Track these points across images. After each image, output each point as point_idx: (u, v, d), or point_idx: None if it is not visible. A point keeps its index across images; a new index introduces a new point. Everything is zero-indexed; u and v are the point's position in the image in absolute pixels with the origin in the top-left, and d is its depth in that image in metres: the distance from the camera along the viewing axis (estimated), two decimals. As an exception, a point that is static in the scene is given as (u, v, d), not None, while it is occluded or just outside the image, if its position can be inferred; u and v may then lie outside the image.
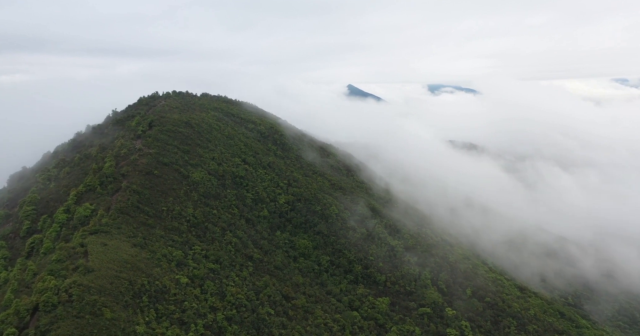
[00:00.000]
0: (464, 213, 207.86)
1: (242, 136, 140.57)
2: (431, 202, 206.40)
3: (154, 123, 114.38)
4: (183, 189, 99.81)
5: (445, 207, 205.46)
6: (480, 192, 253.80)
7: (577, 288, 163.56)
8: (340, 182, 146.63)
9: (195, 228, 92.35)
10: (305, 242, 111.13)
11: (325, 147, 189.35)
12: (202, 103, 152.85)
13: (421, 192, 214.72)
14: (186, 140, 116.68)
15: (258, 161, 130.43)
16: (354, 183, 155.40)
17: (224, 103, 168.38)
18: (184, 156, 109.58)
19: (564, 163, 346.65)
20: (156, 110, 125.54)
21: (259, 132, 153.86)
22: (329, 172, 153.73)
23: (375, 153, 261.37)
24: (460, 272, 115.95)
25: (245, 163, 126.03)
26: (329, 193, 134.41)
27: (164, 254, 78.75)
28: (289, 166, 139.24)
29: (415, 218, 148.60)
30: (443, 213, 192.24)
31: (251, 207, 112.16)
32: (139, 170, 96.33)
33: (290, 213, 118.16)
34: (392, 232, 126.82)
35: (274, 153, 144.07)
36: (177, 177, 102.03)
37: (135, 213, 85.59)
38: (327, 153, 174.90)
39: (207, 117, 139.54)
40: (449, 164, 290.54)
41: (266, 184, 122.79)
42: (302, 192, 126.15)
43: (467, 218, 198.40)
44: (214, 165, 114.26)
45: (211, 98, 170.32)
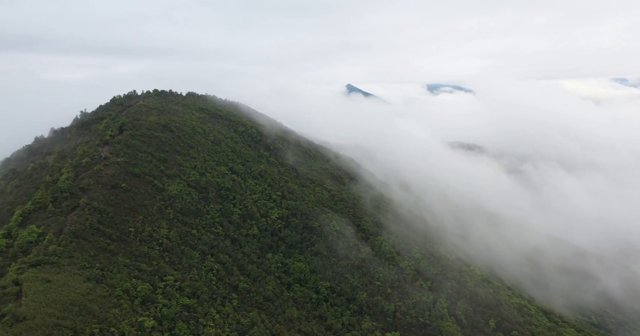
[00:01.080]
0: (472, 222, 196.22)
1: (231, 141, 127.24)
2: (436, 210, 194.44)
3: (126, 127, 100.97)
4: (156, 205, 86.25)
5: (452, 216, 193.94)
6: (486, 197, 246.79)
7: (600, 305, 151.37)
8: (341, 192, 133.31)
9: (169, 253, 78.80)
10: (301, 265, 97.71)
11: (324, 152, 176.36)
12: (187, 103, 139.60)
13: (425, 199, 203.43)
14: (163, 146, 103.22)
15: (248, 170, 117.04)
16: (356, 192, 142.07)
17: (212, 103, 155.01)
18: (160, 165, 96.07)
19: (566, 164, 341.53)
20: (130, 112, 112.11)
21: (250, 136, 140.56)
22: (328, 180, 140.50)
23: (375, 155, 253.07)
24: (480, 299, 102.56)
25: (233, 173, 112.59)
26: (328, 205, 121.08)
27: (126, 289, 65.14)
28: (283, 175, 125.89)
29: (424, 233, 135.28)
30: (451, 224, 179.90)
31: (238, 225, 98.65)
32: (103, 183, 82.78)
33: (284, 231, 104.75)
34: (400, 250, 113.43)
35: (266, 160, 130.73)
36: (150, 191, 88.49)
37: (94, 236, 71.99)
38: (326, 159, 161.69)
39: (191, 119, 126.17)
40: (451, 167, 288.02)
41: (257, 197, 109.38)
42: (298, 206, 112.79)
43: (476, 229, 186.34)
44: (195, 175, 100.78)
45: (197, 98, 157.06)
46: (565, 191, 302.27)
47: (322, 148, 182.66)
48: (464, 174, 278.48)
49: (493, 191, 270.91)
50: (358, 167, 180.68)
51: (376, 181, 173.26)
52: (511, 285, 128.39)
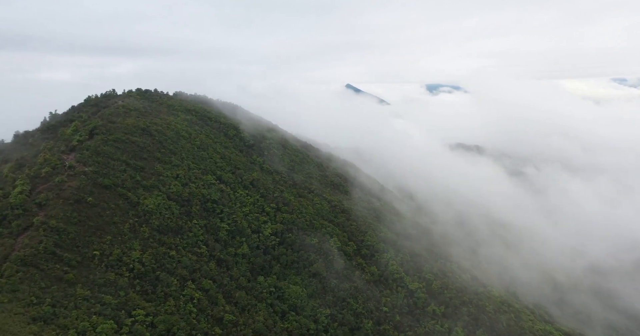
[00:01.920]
0: (480, 232, 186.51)
1: (220, 146, 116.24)
2: (442, 219, 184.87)
3: (98, 131, 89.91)
4: (129, 223, 75.17)
5: (458, 225, 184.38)
6: (491, 203, 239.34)
7: (624, 324, 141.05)
8: (342, 202, 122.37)
9: (141, 281, 67.74)
10: (297, 289, 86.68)
11: (323, 156, 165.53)
12: (172, 104, 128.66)
13: (429, 206, 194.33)
14: (141, 153, 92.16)
15: (238, 179, 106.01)
16: (359, 202, 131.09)
17: (202, 104, 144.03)
18: (135, 175, 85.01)
19: (569, 166, 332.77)
20: (105, 114, 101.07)
21: (242, 140, 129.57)
22: (328, 189, 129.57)
23: (374, 158, 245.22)
24: (502, 327, 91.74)
25: (221, 182, 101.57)
26: (328, 218, 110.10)
27: (83, 331, 54.08)
28: (278, 184, 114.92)
29: (433, 247, 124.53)
30: (459, 235, 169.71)
31: (226, 243, 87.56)
32: (65, 197, 71.72)
33: (278, 249, 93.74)
34: (409, 269, 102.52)
35: (259, 167, 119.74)
36: (122, 206, 77.41)
37: (48, 263, 60.92)
38: (325, 165, 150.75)
39: (176, 121, 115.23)
40: (453, 170, 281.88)
41: (247, 210, 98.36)
42: (295, 219, 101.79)
43: (486, 240, 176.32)
44: (177, 186, 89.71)
45: (185, 98, 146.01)
46: (572, 196, 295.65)
47: (321, 152, 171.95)
48: (467, 178, 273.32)
49: (498, 196, 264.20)
50: (358, 172, 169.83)
51: (378, 187, 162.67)
52: (531, 306, 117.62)
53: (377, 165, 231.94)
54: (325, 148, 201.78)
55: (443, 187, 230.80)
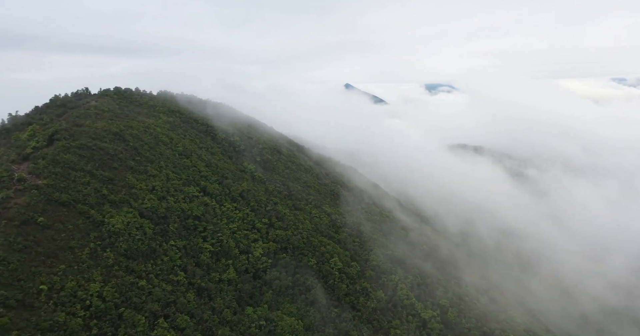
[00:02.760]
0: (490, 243, 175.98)
1: (205, 152, 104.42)
2: (450, 228, 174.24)
3: (59, 136, 78.00)
4: (89, 247, 63.23)
5: (468, 237, 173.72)
6: (497, 209, 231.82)
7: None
8: (343, 215, 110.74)
9: (99, 321, 55.77)
10: (292, 321, 74.78)
11: (322, 161, 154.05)
12: (154, 104, 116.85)
13: (434, 214, 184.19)
14: (110, 161, 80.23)
15: (225, 190, 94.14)
16: (362, 213, 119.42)
17: (188, 105, 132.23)
18: (102, 188, 73.08)
19: (571, 167, 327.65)
20: (72, 116, 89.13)
21: (232, 144, 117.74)
22: (328, 199, 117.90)
23: (373, 161, 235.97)
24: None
25: (205, 195, 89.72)
26: (328, 234, 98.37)
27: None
28: (271, 195, 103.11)
29: (445, 265, 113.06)
30: (467, 247, 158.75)
31: (209, 267, 75.65)
32: (9, 217, 59.77)
33: (270, 272, 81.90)
34: (420, 294, 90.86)
35: (250, 175, 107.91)
36: (82, 226, 65.48)
37: (-24, 305, 48.89)
38: (325, 172, 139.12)
39: (156, 124, 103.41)
40: (455, 174, 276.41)
41: (235, 226, 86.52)
42: (290, 236, 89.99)
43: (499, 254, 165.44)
44: (152, 200, 77.84)
45: (170, 98, 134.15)
46: (578, 199, 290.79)
47: (319, 156, 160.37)
48: (470, 181, 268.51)
49: (503, 200, 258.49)
50: (359, 178, 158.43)
51: (381, 195, 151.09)
52: (556, 332, 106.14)
53: (375, 167, 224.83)
54: (323, 151, 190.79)
55: (446, 191, 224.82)
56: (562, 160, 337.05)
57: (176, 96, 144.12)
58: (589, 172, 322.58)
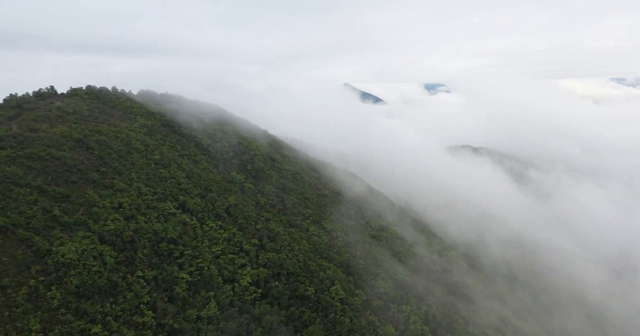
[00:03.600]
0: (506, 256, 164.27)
1: (187, 160, 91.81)
2: (459, 239, 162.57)
3: (4, 144, 65.49)
4: (28, 285, 50.66)
5: (478, 248, 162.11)
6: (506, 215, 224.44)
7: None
8: (346, 231, 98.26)
9: (32, 388, 43.09)
10: (286, 368, 62.23)
11: (321, 168, 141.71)
12: (131, 106, 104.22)
13: (440, 223, 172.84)
14: (67, 174, 67.68)
15: (209, 205, 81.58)
16: (366, 229, 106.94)
17: (173, 106, 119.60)
18: (52, 208, 60.50)
19: (573, 168, 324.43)
20: (27, 119, 76.45)
21: (220, 151, 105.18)
22: (328, 213, 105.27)
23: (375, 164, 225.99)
24: None
25: (185, 212, 77.20)
26: (329, 256, 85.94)
27: None
28: (263, 210, 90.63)
29: (462, 288, 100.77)
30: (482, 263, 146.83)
31: (184, 302, 63.07)
32: None
33: (260, 305, 69.35)
34: (437, 328, 78.43)
35: (240, 187, 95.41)
36: (22, 258, 52.93)
37: None
38: (324, 180, 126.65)
39: (130, 128, 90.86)
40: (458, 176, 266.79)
41: (219, 249, 74.00)
42: (284, 260, 77.53)
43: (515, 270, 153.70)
44: (117, 221, 65.27)
45: (151, 98, 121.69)
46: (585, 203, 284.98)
47: (317, 161, 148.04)
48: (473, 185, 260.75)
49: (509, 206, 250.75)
50: (361, 185, 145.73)
51: (385, 204, 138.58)
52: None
53: (375, 170, 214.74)
54: (322, 154, 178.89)
55: (449, 194, 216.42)
56: (564, 161, 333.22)
57: (160, 96, 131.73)
58: (591, 174, 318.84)
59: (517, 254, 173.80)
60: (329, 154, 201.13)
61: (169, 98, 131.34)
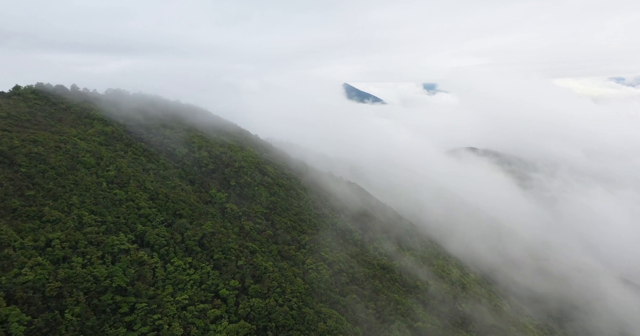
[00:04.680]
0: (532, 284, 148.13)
1: (153, 176, 74.27)
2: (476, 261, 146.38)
3: None
4: None
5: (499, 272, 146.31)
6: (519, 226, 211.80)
7: None
8: (351, 263, 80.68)
9: None
10: None
11: (318, 180, 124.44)
12: (89, 108, 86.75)
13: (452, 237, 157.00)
14: (-28, 201, 50.03)
15: (176, 237, 63.99)
16: (374, 258, 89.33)
17: (144, 107, 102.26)
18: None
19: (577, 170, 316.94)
20: None
21: (199, 163, 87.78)
22: (329, 238, 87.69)
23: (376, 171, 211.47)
24: None
25: (142, 247, 59.63)
26: (330, 299, 68.37)
27: None
28: (247, 237, 73.16)
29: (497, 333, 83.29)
30: (509, 291, 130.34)
31: (129, 384, 45.37)
32: None
33: (238, 378, 51.64)
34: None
35: (220, 208, 77.92)
36: None
37: None
38: (325, 195, 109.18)
39: (82, 136, 73.33)
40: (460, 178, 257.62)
41: (187, 297, 56.38)
42: (272, 308, 59.96)
43: (552, 304, 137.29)
44: (39, 268, 47.65)
45: (120, 99, 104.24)
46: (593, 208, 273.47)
47: (314, 172, 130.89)
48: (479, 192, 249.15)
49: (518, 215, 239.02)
50: (365, 198, 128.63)
51: (394, 222, 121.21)
52: None
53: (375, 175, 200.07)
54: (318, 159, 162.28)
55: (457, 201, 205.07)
56: (566, 163, 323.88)
57: (132, 97, 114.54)
58: (597, 177, 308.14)
59: (540, 274, 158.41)
60: (327, 160, 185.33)
61: (144, 99, 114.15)
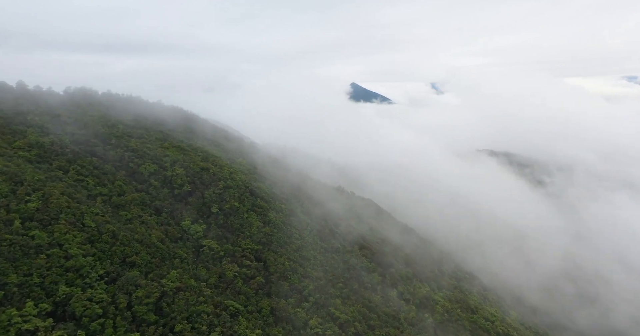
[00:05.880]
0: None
1: (97, 206, 54.46)
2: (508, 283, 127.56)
3: None
4: None
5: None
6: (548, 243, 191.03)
7: None
8: (366, 322, 60.33)
9: None
10: None
11: (325, 196, 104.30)
12: (25, 111, 67.47)
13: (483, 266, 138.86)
14: None
15: (118, 300, 44.03)
16: (394, 309, 68.88)
17: (110, 111, 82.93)
18: None
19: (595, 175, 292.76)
20: None
21: (169, 182, 68.05)
22: (347, 289, 67.31)
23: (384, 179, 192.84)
24: None
25: (64, 320, 39.72)
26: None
27: None
28: (229, 290, 53.14)
29: None
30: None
31: None
32: None
33: None
34: None
35: (194, 248, 58.07)
36: None
37: None
38: (334, 222, 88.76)
39: (0, 151, 53.75)
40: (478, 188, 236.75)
41: None
42: None
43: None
44: None
45: (81, 99, 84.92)
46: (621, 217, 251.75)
47: (320, 185, 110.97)
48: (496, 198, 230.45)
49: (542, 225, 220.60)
50: (386, 222, 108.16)
51: (428, 260, 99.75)
52: None
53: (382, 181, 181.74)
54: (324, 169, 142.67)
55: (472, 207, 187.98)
56: (583, 166, 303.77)
57: (101, 97, 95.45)
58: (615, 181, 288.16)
59: (582, 303, 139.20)
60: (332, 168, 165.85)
61: (115, 100, 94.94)
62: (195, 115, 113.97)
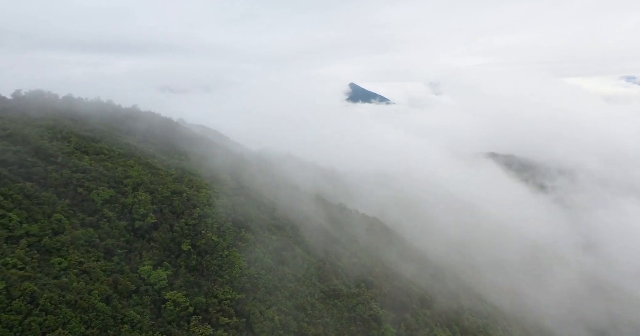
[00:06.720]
0: None
1: (17, 253, 40.53)
2: None
3: None
4: None
5: None
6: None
7: None
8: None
9: None
10: None
11: (328, 227, 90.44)
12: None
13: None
14: None
15: None
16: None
17: (65, 121, 69.15)
18: None
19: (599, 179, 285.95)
20: None
21: (128, 213, 54.25)
22: None
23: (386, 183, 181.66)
24: None
25: None
26: None
27: None
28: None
29: None
30: None
31: None
32: None
33: None
34: None
35: (153, 302, 44.23)
36: None
37: None
38: (335, 257, 74.91)
39: None
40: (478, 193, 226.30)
41: None
42: None
43: None
44: None
45: (41, 105, 70.94)
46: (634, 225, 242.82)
47: (328, 207, 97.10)
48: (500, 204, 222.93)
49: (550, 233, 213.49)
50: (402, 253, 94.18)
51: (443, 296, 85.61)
52: None
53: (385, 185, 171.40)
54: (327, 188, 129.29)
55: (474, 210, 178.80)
56: (584, 169, 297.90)
57: (62, 101, 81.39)
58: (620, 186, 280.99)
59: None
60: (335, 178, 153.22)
61: (75, 106, 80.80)
62: (177, 123, 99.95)
